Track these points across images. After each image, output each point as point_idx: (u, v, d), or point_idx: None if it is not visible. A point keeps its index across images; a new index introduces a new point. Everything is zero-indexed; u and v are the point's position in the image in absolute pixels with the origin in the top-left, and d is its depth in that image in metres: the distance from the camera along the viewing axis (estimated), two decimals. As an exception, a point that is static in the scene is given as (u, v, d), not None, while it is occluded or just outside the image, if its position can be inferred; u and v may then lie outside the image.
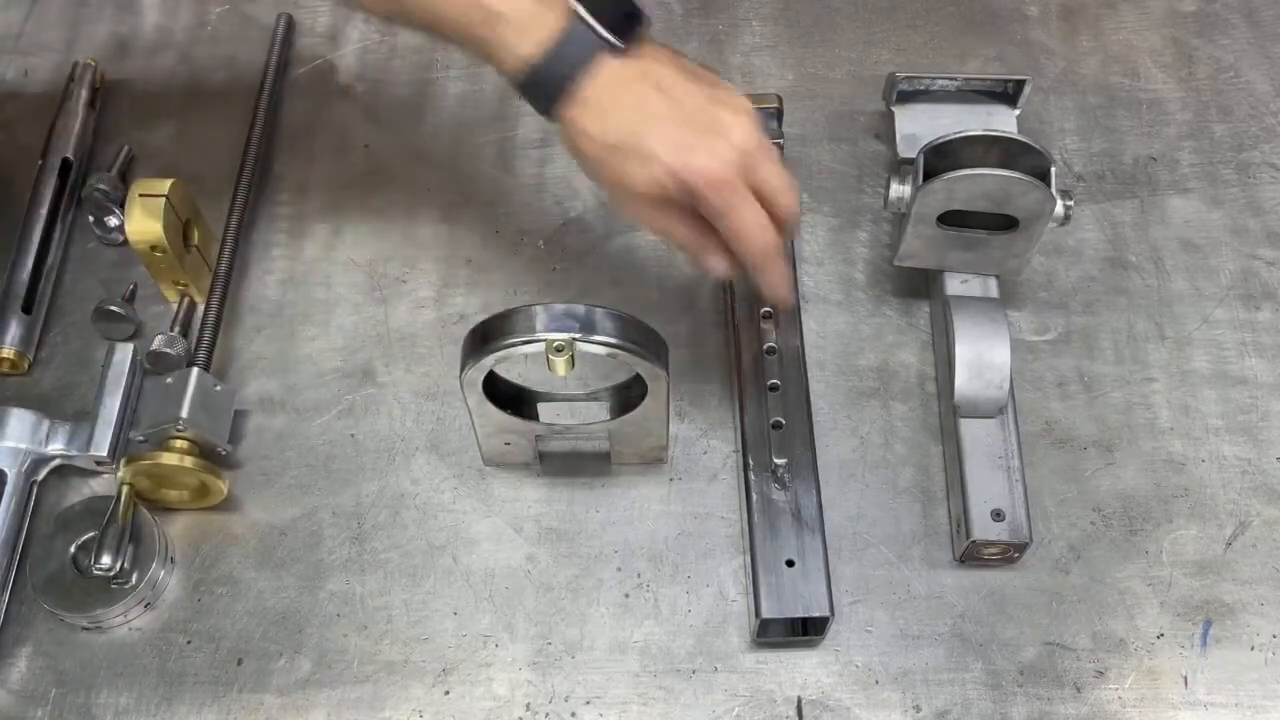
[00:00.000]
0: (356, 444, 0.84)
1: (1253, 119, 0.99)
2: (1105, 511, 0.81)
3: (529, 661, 0.76)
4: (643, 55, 0.70)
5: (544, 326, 0.67)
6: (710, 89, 0.70)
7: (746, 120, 0.70)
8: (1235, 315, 0.89)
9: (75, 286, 0.90)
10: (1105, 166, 0.96)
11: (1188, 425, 0.84)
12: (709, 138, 0.68)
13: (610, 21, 0.68)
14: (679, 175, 0.68)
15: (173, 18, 1.05)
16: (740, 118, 0.69)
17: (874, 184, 0.95)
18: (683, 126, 0.68)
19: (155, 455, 0.77)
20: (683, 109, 0.68)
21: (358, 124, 0.99)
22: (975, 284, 0.84)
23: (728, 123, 0.69)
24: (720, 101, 0.70)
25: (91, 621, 0.76)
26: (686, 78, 0.70)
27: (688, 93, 0.69)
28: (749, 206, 0.70)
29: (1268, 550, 0.80)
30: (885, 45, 1.03)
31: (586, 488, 0.82)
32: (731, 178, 0.68)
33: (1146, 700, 0.75)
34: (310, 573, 0.79)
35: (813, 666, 0.76)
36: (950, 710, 0.74)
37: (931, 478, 0.82)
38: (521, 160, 0.96)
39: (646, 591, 0.78)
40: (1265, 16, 1.04)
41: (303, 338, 0.88)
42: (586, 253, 0.92)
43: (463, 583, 0.79)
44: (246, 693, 0.75)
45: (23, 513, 0.79)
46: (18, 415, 0.79)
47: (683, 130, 0.68)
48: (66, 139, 0.93)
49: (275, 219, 0.94)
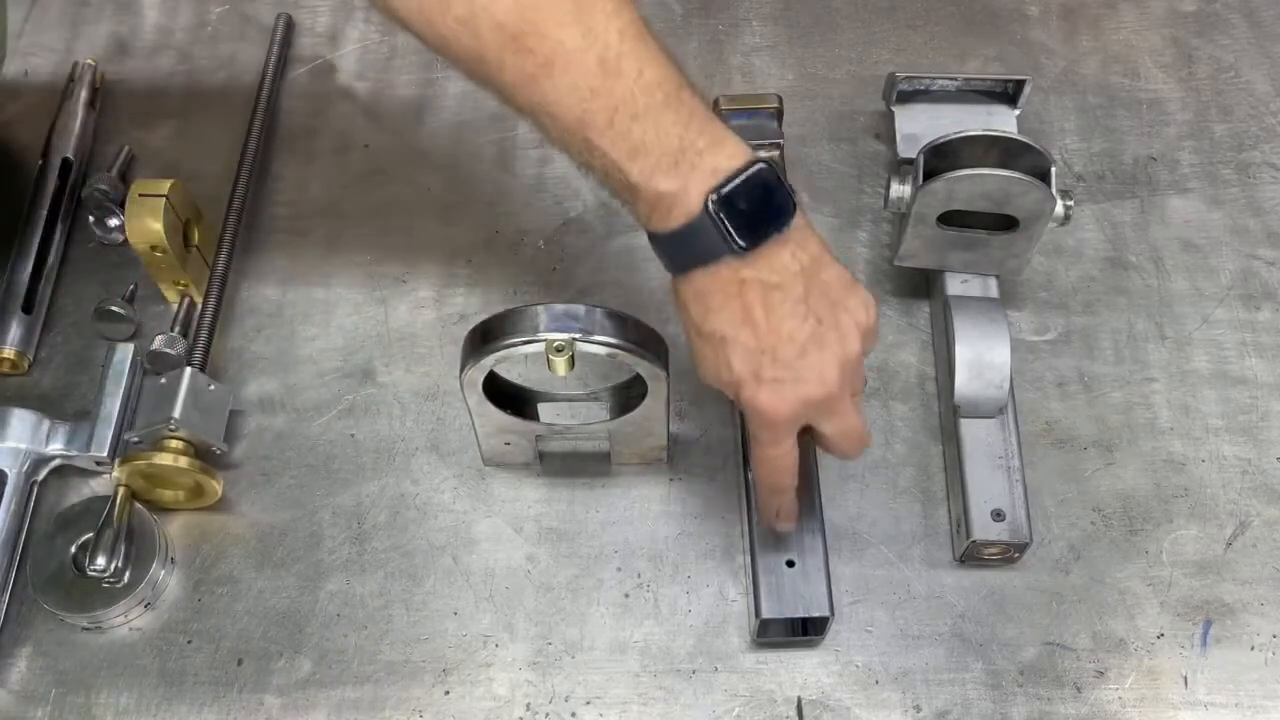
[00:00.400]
0: (356, 444, 0.84)
1: (1253, 119, 0.99)
2: (1105, 511, 0.81)
3: (529, 661, 0.76)
4: (776, 254, 0.64)
5: (544, 326, 0.67)
6: (829, 309, 0.66)
7: (838, 363, 0.65)
8: (1235, 315, 0.89)
9: (75, 286, 0.90)
10: (1105, 166, 0.96)
11: (1188, 425, 0.84)
12: (786, 380, 0.65)
13: (749, 215, 0.63)
14: (741, 398, 0.66)
15: (173, 18, 1.05)
16: (829, 364, 0.65)
17: (874, 184, 0.95)
18: (768, 356, 0.65)
19: (149, 455, 0.77)
20: (779, 335, 0.64)
21: (358, 124, 0.99)
22: (975, 284, 0.84)
23: (815, 366, 0.65)
24: (825, 335, 0.65)
25: (91, 621, 0.76)
26: (805, 293, 0.65)
27: (794, 315, 0.64)
28: (781, 450, 0.68)
29: (1268, 550, 0.80)
30: (885, 45, 1.03)
31: (586, 488, 0.82)
32: (785, 422, 0.66)
33: (1146, 700, 0.75)
34: (310, 573, 0.79)
35: (813, 666, 0.76)
36: (950, 710, 0.74)
37: (931, 478, 0.82)
38: (521, 160, 0.96)
39: (646, 591, 0.78)
40: (1265, 16, 1.04)
41: (303, 338, 0.88)
42: (586, 253, 0.92)
43: (463, 583, 0.79)
44: (246, 693, 0.75)
45: (23, 513, 0.79)
46: (18, 415, 0.79)
47: (764, 360, 0.65)
48: (66, 139, 0.93)
49: (275, 219, 0.94)
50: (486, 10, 0.62)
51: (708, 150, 0.63)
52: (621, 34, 0.62)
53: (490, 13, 0.62)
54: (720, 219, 0.63)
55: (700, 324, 0.66)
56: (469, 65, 0.65)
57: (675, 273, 0.66)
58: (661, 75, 0.63)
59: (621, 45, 0.62)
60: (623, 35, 0.62)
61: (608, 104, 0.62)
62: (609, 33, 0.62)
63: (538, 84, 0.63)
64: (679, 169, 0.63)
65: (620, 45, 0.62)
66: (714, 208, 0.62)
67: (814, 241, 0.66)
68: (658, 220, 0.64)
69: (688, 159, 0.63)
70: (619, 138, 0.63)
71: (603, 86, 0.62)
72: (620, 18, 0.63)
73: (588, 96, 0.62)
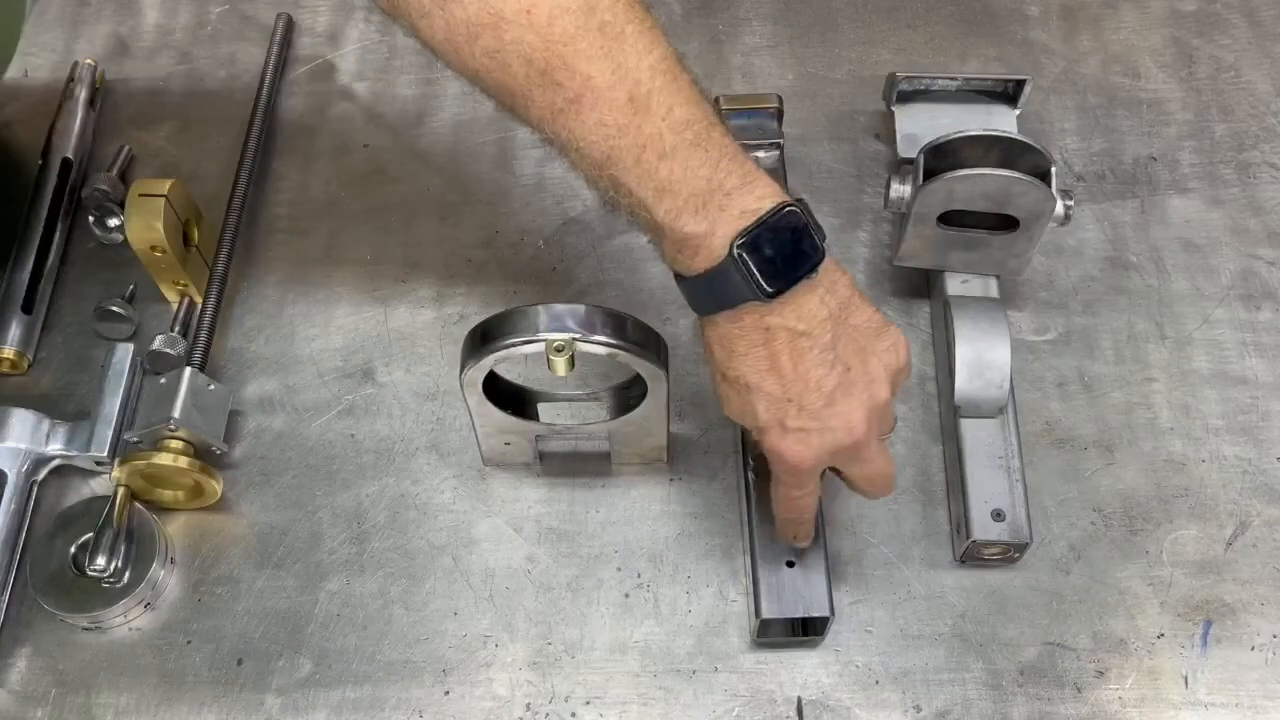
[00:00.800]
0: (356, 444, 0.84)
1: (1253, 119, 0.98)
2: (1105, 511, 0.81)
3: (529, 662, 0.76)
4: (803, 300, 0.63)
5: (544, 326, 0.67)
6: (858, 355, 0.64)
7: (865, 410, 0.64)
8: (1235, 315, 0.89)
9: (75, 286, 0.90)
10: (1105, 166, 0.96)
11: (1188, 425, 0.84)
12: (812, 429, 0.64)
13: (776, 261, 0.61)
14: (766, 444, 0.66)
15: (173, 18, 1.05)
16: (856, 412, 0.64)
17: (874, 184, 0.95)
18: (794, 405, 0.64)
19: (149, 455, 0.77)
20: (805, 384, 0.63)
21: (358, 124, 0.99)
22: (975, 284, 0.84)
23: (842, 415, 0.64)
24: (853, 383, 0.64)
25: (91, 622, 0.76)
26: (833, 340, 0.64)
27: (821, 362, 0.63)
28: (804, 492, 0.68)
29: (1268, 550, 0.80)
30: (885, 45, 1.03)
31: (586, 488, 0.82)
32: (810, 470, 0.66)
33: (1147, 700, 0.75)
34: (310, 573, 0.79)
35: (813, 666, 0.76)
36: (950, 710, 0.74)
37: (931, 478, 0.82)
38: (521, 160, 0.96)
39: (646, 591, 0.78)
40: (1265, 16, 1.04)
41: (303, 338, 0.88)
42: (586, 253, 0.92)
43: (463, 583, 0.79)
44: (246, 693, 0.75)
45: (23, 513, 0.79)
46: (18, 415, 0.79)
47: (790, 409, 0.64)
48: (66, 139, 0.93)
49: (275, 219, 0.94)
50: (515, 44, 0.60)
51: (736, 191, 0.62)
52: (653, 70, 0.61)
53: (519, 46, 0.60)
54: (746, 265, 0.61)
55: (725, 368, 0.65)
56: (498, 97, 0.64)
57: (700, 314, 0.65)
58: (692, 114, 0.62)
59: (652, 82, 0.61)
60: (654, 71, 0.61)
61: (635, 142, 0.61)
62: (639, 69, 0.61)
63: (565, 119, 0.62)
64: (706, 210, 0.61)
65: (651, 82, 0.61)
66: (740, 253, 0.61)
67: (843, 284, 0.65)
68: (683, 262, 0.63)
69: (715, 200, 0.61)
70: (646, 176, 0.61)
71: (631, 124, 0.61)
72: (652, 54, 0.61)
73: (615, 134, 0.61)
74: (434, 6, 0.61)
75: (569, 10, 0.60)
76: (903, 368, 0.67)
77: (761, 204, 0.62)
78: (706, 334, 0.66)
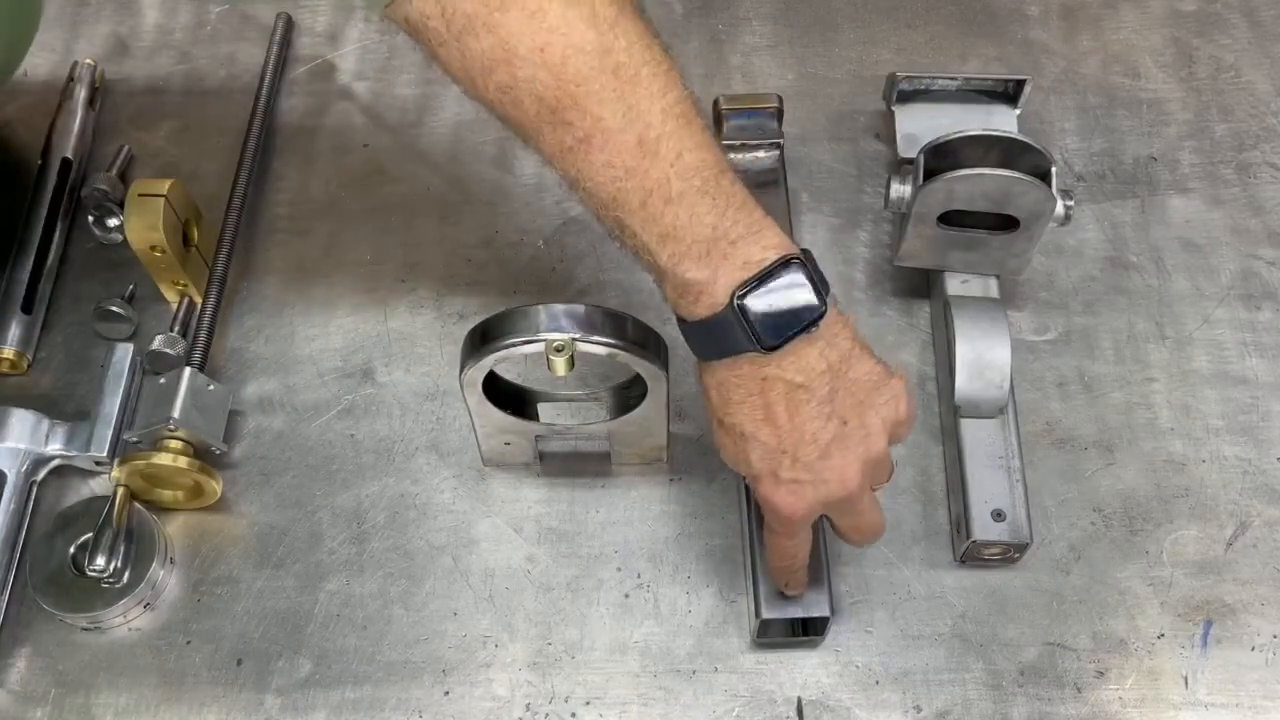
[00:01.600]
0: (356, 444, 0.84)
1: (1253, 119, 0.98)
2: (1106, 512, 0.81)
3: (529, 662, 0.76)
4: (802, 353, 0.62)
5: (544, 326, 0.67)
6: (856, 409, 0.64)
7: (860, 464, 0.64)
8: (1236, 315, 0.89)
9: (75, 286, 0.90)
10: (1105, 166, 0.96)
11: (1188, 425, 0.84)
12: (806, 481, 0.64)
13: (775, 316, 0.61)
14: (759, 493, 0.66)
15: (173, 18, 1.05)
16: (851, 465, 0.64)
17: (874, 184, 0.95)
18: (789, 457, 0.64)
19: (149, 455, 0.77)
20: (800, 436, 0.63)
21: (358, 124, 0.99)
22: (975, 284, 0.84)
23: (836, 468, 0.64)
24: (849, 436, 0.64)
25: (91, 622, 0.76)
26: (831, 393, 0.63)
27: (818, 415, 0.63)
28: (795, 541, 0.68)
29: (1268, 550, 0.79)
30: (885, 45, 1.03)
31: (586, 488, 0.82)
32: (801, 521, 0.66)
33: (1147, 701, 0.75)
34: (310, 573, 0.79)
35: (813, 667, 0.76)
36: (950, 710, 0.74)
37: (931, 478, 0.82)
38: (521, 160, 0.96)
39: (646, 592, 0.78)
40: (1265, 16, 1.04)
41: (303, 338, 0.88)
42: (586, 253, 0.92)
43: (462, 583, 0.79)
44: (246, 693, 0.75)
45: (22, 513, 0.79)
46: (18, 415, 0.79)
47: (784, 460, 0.64)
48: (66, 139, 0.93)
49: (275, 219, 0.94)
50: (528, 81, 0.60)
51: (741, 240, 0.61)
52: (665, 114, 0.61)
53: (531, 84, 0.60)
54: (745, 317, 0.61)
55: (721, 414, 0.65)
56: (512, 129, 0.64)
57: (699, 359, 0.65)
58: (702, 159, 0.62)
59: (663, 126, 0.61)
60: (666, 116, 0.61)
61: (642, 185, 0.61)
62: (651, 112, 0.61)
63: (574, 157, 0.62)
64: (709, 258, 0.61)
65: (662, 126, 0.61)
66: (739, 304, 0.61)
67: (845, 337, 0.64)
68: (684, 308, 0.63)
69: (719, 249, 0.61)
70: (650, 221, 0.61)
71: (639, 167, 0.61)
72: (665, 97, 0.61)
73: (622, 176, 0.61)
74: (450, 38, 0.61)
75: (583, 51, 0.60)
76: (903, 420, 0.66)
77: (766, 255, 0.62)
78: (705, 379, 0.66)
